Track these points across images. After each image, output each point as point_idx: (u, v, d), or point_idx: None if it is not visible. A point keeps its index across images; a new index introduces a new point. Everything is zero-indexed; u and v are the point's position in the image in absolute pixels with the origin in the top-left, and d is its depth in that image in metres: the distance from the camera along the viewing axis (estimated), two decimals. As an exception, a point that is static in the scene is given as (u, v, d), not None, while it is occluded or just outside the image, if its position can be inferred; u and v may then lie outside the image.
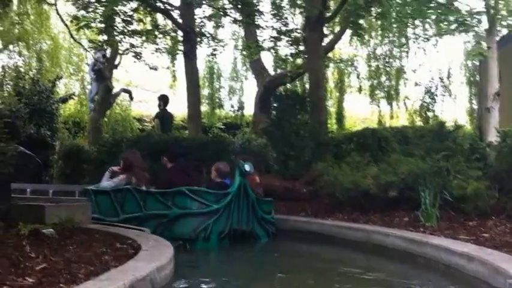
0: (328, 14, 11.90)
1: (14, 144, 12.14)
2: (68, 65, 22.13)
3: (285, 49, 15.31)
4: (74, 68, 22.20)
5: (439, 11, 9.06)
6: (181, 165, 8.14)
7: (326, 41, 14.35)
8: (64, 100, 18.39)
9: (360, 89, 20.19)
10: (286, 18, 13.88)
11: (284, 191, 9.19)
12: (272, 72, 18.22)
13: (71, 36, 19.33)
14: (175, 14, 12.97)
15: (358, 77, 19.79)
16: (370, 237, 6.56)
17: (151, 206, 7.35)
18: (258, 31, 15.39)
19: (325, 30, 13.12)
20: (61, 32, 21.48)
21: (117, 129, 17.75)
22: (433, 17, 9.29)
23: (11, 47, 20.40)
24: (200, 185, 7.63)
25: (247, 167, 7.04)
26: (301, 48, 14.11)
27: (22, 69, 18.89)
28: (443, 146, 8.49)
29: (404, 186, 7.42)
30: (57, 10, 17.72)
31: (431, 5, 9.15)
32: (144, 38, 14.63)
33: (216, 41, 14.84)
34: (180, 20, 12.68)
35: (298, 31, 14.10)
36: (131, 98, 17.96)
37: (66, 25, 18.86)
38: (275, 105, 10.57)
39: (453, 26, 9.52)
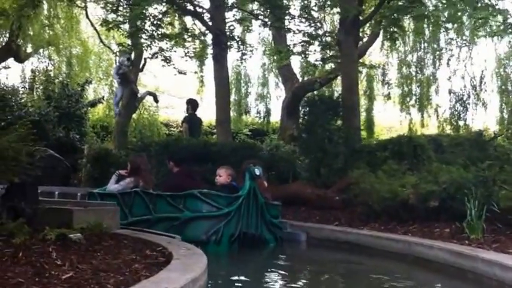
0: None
1: (43, 146, 12.25)
2: (97, 70, 22.23)
3: (314, 55, 15.07)
4: (102, 73, 22.28)
5: (485, 12, 8.64)
6: (187, 170, 8.13)
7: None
8: (93, 104, 18.42)
9: (388, 97, 19.73)
10: (317, 21, 13.58)
11: (316, 198, 8.89)
12: (300, 78, 18.04)
13: (100, 40, 19.45)
14: (205, 17, 12.77)
15: (388, 84, 19.29)
16: (411, 249, 6.21)
17: (162, 209, 7.32)
18: (288, 35, 15.14)
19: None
20: (90, 37, 21.60)
21: (144, 133, 17.65)
22: (480, 16, 8.81)
23: (41, 51, 20.48)
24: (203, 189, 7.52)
25: (257, 171, 7.03)
26: (333, 53, 13.84)
27: (52, 73, 18.96)
28: (484, 155, 8.09)
29: (446, 196, 7.04)
30: (87, 14, 17.75)
31: (478, 5, 8.76)
32: (173, 41, 14.51)
33: (245, 45, 14.61)
34: (210, 23, 12.45)
35: (329, 35, 13.76)
36: (156, 101, 17.83)
37: (95, 29, 18.99)
38: (307, 110, 10.25)
39: (502, 27, 9.10)
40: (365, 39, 15.59)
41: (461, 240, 6.14)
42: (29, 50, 20.20)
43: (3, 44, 19.38)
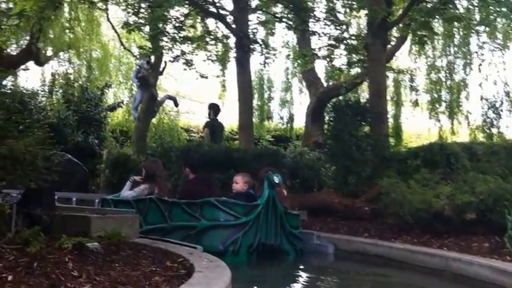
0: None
1: (61, 151, 12.03)
2: (117, 73, 22.06)
3: (340, 59, 14.70)
4: (122, 76, 22.10)
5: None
6: (203, 177, 7.86)
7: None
8: (112, 108, 18.24)
9: (416, 103, 19.19)
10: (344, 24, 13.20)
11: (344, 208, 8.50)
12: (325, 83, 17.66)
13: (121, 43, 19.24)
14: (229, 19, 12.47)
15: (416, 91, 18.74)
16: (448, 265, 5.79)
17: (178, 217, 7.10)
18: (313, 38, 14.78)
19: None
20: (111, 40, 21.48)
21: (164, 138, 17.40)
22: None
23: (61, 54, 20.37)
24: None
25: (276, 179, 6.81)
26: (359, 57, 13.47)
27: (72, 77, 18.83)
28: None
29: (484, 207, 6.62)
30: (108, 17, 17.56)
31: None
32: (195, 44, 14.24)
33: (268, 48, 14.28)
34: (233, 26, 12.15)
35: (355, 38, 13.37)
36: (176, 105, 17.57)
37: (116, 32, 18.78)
38: (333, 115, 9.85)
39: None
40: (392, 43, 15.16)
41: (502, 256, 5.74)
42: (49, 53, 20.12)
43: (24, 46, 19.34)
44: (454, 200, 6.78)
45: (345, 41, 13.01)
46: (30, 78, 29.39)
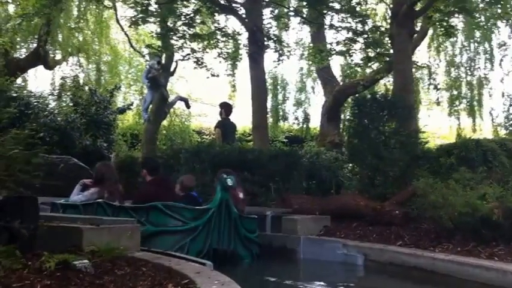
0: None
1: (68, 155, 11.28)
2: (127, 75, 21.61)
3: (357, 55, 13.88)
4: (132, 79, 21.67)
5: None
6: (161, 179, 7.52)
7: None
8: (122, 111, 17.63)
9: (437, 102, 18.31)
10: (363, 16, 12.33)
11: (371, 212, 7.57)
12: (341, 82, 16.97)
13: (130, 45, 18.72)
14: (241, 13, 11.67)
15: (436, 88, 17.83)
16: (507, 280, 4.86)
17: None
18: (328, 34, 14.02)
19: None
20: (120, 42, 21.00)
21: (174, 141, 16.74)
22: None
23: (70, 58, 19.92)
24: (176, 200, 7.00)
25: (229, 181, 6.51)
26: (378, 50, 12.64)
27: (81, 80, 18.34)
28: None
29: (538, 211, 5.71)
30: (117, 18, 16.95)
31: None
32: (205, 42, 13.50)
33: (282, 45, 13.48)
34: (245, 20, 11.34)
35: (375, 30, 12.51)
36: (188, 107, 16.92)
37: (125, 33, 18.24)
38: (356, 111, 8.97)
39: None
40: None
41: None
42: (58, 57, 19.69)
43: (32, 50, 18.84)
44: (504, 202, 5.87)
45: (364, 34, 12.12)
46: (41, 82, 29.12)
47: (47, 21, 17.26)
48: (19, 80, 18.67)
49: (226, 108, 11.63)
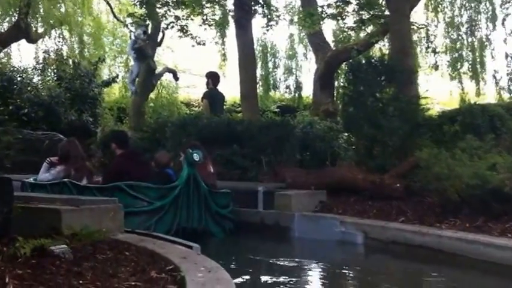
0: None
1: (53, 131, 10.83)
2: (111, 47, 20.91)
3: (349, 18, 13.21)
4: (117, 50, 20.99)
5: None
6: (131, 152, 7.35)
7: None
8: (107, 84, 17.06)
9: (436, 66, 17.57)
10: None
11: (370, 186, 7.05)
12: (334, 47, 16.33)
13: (114, 15, 18.00)
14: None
15: (435, 52, 17.10)
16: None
17: None
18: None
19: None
20: (103, 12, 20.29)
21: (161, 113, 16.20)
22: None
23: (53, 31, 19.21)
24: (151, 175, 6.75)
25: (195, 156, 6.29)
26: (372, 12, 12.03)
27: (64, 53, 17.70)
28: None
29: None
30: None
31: None
32: (189, 9, 12.82)
33: (271, 9, 12.79)
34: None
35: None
36: (176, 79, 16.48)
37: (108, 2, 17.55)
38: (351, 77, 8.39)
39: None
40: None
41: None
42: (41, 30, 18.97)
43: (13, 23, 18.11)
44: (518, 173, 5.36)
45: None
46: (25, 57, 28.39)
47: (24, -8, 16.54)
48: (1, 55, 18.03)
49: (213, 78, 11.06)
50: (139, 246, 4.04)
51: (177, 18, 12.97)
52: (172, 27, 13.22)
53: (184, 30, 12.99)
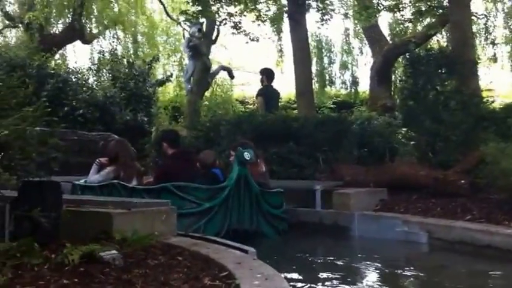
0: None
1: (108, 131, 10.97)
2: (165, 46, 21.10)
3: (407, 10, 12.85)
4: (171, 49, 21.15)
5: None
6: (183, 152, 7.20)
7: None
8: (161, 83, 17.21)
9: (494, 58, 16.94)
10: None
11: (433, 183, 6.78)
12: (390, 41, 15.97)
13: (166, 13, 18.11)
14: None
15: (493, 44, 16.50)
16: None
17: None
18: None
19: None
20: (156, 12, 20.49)
21: (215, 111, 16.20)
22: None
23: (107, 31, 19.58)
24: (198, 175, 6.63)
25: (246, 155, 6.07)
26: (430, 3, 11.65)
27: (119, 53, 17.98)
28: None
29: None
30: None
31: None
32: (242, 5, 12.73)
33: (325, 2, 12.56)
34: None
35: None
36: (231, 77, 16.38)
37: (161, 2, 17.67)
38: (410, 70, 8.10)
39: None
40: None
41: None
42: (95, 30, 19.35)
43: (67, 24, 18.53)
44: None
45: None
46: (80, 57, 29.10)
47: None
48: (57, 56, 18.49)
49: (267, 75, 10.93)
50: (193, 251, 3.92)
51: (230, 14, 12.90)
52: (225, 24, 13.18)
53: (238, 27, 12.90)
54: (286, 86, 15.43)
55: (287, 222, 6.71)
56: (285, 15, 12.52)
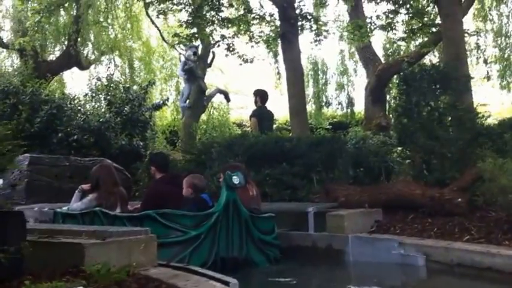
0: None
1: (102, 156, 10.80)
2: (162, 70, 21.09)
3: (400, 29, 12.77)
4: (168, 74, 21.13)
5: None
6: (172, 176, 6.85)
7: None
8: (157, 107, 17.08)
9: (487, 77, 16.88)
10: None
11: (429, 202, 6.54)
12: (384, 60, 15.96)
13: (162, 38, 18.07)
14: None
15: (486, 62, 16.50)
16: None
17: None
18: (367, 8, 13.01)
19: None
20: (152, 37, 20.51)
21: (210, 134, 16.06)
22: None
23: (105, 58, 19.56)
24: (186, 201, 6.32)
25: (235, 179, 5.75)
26: (423, 21, 11.55)
27: (116, 79, 17.93)
28: None
29: None
30: (147, 11, 16.35)
31: None
32: (235, 27, 12.65)
33: (319, 24, 12.47)
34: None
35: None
36: (228, 100, 16.35)
37: (157, 27, 17.68)
38: (403, 87, 7.91)
39: None
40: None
41: None
42: (92, 56, 19.33)
43: (63, 50, 18.50)
44: None
45: (406, 4, 11.01)
46: (79, 84, 29.10)
47: (75, 19, 16.84)
48: (55, 83, 18.42)
49: (261, 96, 10.77)
50: (171, 284, 3.63)
51: (223, 36, 12.82)
52: (219, 45, 13.10)
53: (231, 49, 12.80)
54: (284, 108, 15.30)
55: (279, 248, 6.39)
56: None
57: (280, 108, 15.17)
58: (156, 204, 6.05)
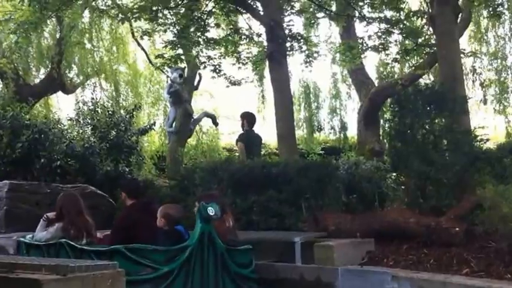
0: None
1: (86, 183, 10.35)
2: (148, 94, 20.70)
3: (393, 49, 12.49)
4: (154, 97, 20.74)
5: None
6: (144, 203, 6.40)
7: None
8: (143, 131, 16.67)
9: (484, 100, 16.59)
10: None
11: (425, 231, 6.10)
12: (376, 83, 15.66)
13: (149, 60, 17.74)
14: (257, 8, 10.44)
15: (482, 86, 16.24)
16: None
17: None
18: (359, 29, 12.72)
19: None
20: (139, 60, 20.22)
21: (196, 159, 15.64)
22: None
23: (90, 81, 19.18)
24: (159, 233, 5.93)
25: (210, 210, 5.47)
26: (417, 41, 11.27)
27: (102, 103, 17.54)
28: None
29: None
30: (133, 33, 16.00)
31: None
32: (222, 49, 12.33)
33: (309, 44, 12.15)
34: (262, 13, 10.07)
35: (412, 15, 11.13)
36: (215, 124, 15.96)
37: (142, 48, 17.33)
38: (397, 110, 7.51)
39: None
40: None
41: None
42: (77, 80, 18.94)
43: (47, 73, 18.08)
44: None
45: (400, 23, 10.70)
46: (66, 108, 28.72)
47: (58, 41, 16.46)
48: (38, 107, 17.98)
49: (248, 119, 10.34)
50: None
51: (209, 58, 12.49)
52: (205, 67, 12.74)
53: (218, 70, 12.45)
54: (269, 133, 14.90)
55: (257, 282, 5.98)
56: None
57: (264, 134, 14.85)
58: (125, 236, 5.66)
